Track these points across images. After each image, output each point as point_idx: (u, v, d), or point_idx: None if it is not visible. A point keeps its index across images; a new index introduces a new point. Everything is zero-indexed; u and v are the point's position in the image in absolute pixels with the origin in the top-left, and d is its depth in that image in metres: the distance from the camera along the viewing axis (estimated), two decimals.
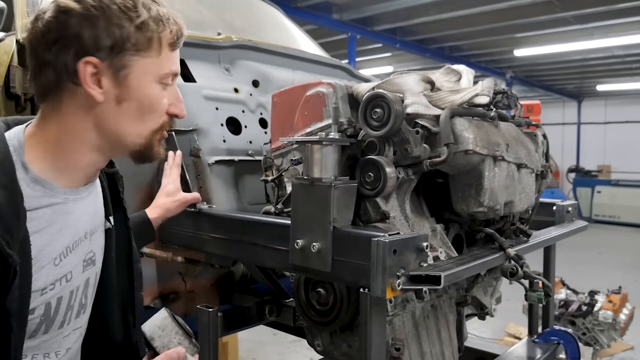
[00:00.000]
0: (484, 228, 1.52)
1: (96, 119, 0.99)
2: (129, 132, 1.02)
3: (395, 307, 1.31)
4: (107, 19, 0.95)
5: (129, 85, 0.99)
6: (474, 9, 8.25)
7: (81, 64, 0.94)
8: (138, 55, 0.99)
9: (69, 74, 0.94)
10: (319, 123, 1.41)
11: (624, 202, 13.19)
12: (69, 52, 0.93)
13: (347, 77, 2.35)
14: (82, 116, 0.98)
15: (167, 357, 1.08)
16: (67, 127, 0.98)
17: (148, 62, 1.00)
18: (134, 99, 1.00)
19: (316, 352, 1.52)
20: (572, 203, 2.06)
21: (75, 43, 0.94)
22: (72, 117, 0.98)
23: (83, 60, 0.94)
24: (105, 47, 0.95)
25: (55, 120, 0.98)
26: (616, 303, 4.22)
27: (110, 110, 0.99)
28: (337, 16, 8.61)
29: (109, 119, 0.99)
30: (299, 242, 1.23)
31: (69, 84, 0.95)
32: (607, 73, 13.90)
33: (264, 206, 1.57)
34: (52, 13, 0.94)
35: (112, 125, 1.00)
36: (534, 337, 2.05)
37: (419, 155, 1.31)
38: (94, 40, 0.94)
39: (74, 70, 0.94)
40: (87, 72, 0.94)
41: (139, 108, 1.01)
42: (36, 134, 0.98)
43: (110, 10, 0.95)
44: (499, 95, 1.50)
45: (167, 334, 1.15)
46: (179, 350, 1.10)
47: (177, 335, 1.14)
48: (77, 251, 1.03)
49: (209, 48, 1.88)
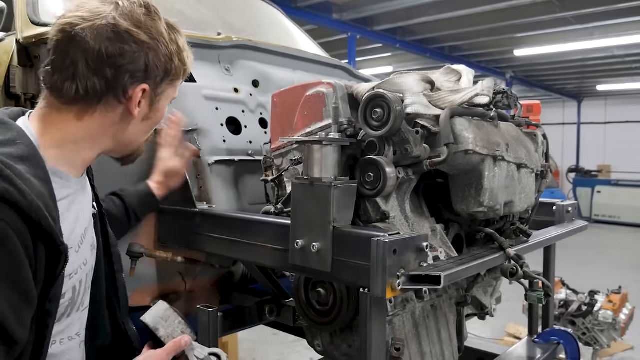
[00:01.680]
0: (484, 228, 1.52)
1: (118, 130, 1.08)
2: (137, 141, 1.15)
3: (395, 307, 1.31)
4: (165, 54, 1.05)
5: (157, 107, 1.11)
6: (474, 9, 8.25)
7: (138, 90, 1.03)
8: (171, 84, 1.11)
9: (120, 93, 1.02)
10: (319, 123, 1.41)
11: (624, 202, 13.19)
12: (127, 74, 1.01)
13: (347, 77, 2.35)
14: (108, 126, 1.06)
15: (175, 345, 1.15)
16: (90, 132, 1.05)
17: (173, 89, 1.14)
18: (154, 117, 1.13)
19: (316, 352, 1.52)
20: (572, 203, 2.06)
21: (138, 69, 1.02)
22: (99, 126, 1.05)
23: (141, 87, 1.03)
24: (158, 77, 1.06)
25: (78, 124, 1.03)
26: (616, 303, 4.22)
27: (135, 126, 1.10)
28: (337, 16, 8.61)
29: (130, 131, 1.10)
30: (299, 242, 1.23)
31: (112, 99, 1.03)
32: (607, 73, 13.90)
33: (264, 206, 1.57)
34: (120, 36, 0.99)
35: (130, 136, 1.11)
36: (534, 337, 2.05)
37: (419, 155, 1.31)
38: (153, 70, 1.04)
39: (127, 91, 1.02)
40: (139, 96, 1.04)
41: (154, 124, 1.16)
42: (51, 132, 1.02)
43: (168, 45, 1.06)
44: (499, 95, 1.50)
45: (171, 324, 1.21)
46: (185, 338, 1.17)
47: (180, 324, 1.22)
48: (87, 237, 1.12)
49: (209, 48, 1.88)
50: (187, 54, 1.12)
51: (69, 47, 0.99)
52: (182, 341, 1.16)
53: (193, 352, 1.18)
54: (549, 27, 9.31)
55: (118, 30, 0.99)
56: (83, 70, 0.99)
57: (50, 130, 1.02)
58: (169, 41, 1.06)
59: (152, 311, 1.22)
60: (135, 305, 1.56)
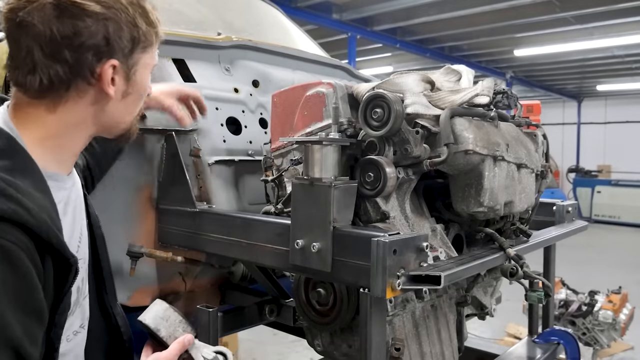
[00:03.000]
0: (484, 228, 1.52)
1: (98, 112, 1.00)
2: (123, 120, 1.07)
3: (395, 307, 1.31)
4: (127, 21, 0.95)
5: (135, 81, 1.02)
6: (474, 9, 8.26)
7: (106, 67, 0.94)
8: (144, 52, 1.02)
9: (87, 74, 0.94)
10: (319, 123, 1.41)
11: (624, 202, 13.20)
12: (89, 53, 0.92)
13: (347, 77, 2.35)
14: (86, 111, 0.98)
15: (180, 345, 1.12)
16: (67, 123, 0.97)
17: (149, 55, 1.04)
18: (135, 91, 1.04)
19: (316, 352, 1.51)
20: (572, 203, 2.06)
21: (99, 45, 0.92)
22: (75, 113, 0.97)
23: (108, 63, 0.94)
24: (125, 48, 0.96)
25: (53, 118, 0.96)
26: (616, 303, 4.22)
27: (116, 105, 1.01)
28: (337, 16, 8.62)
29: (112, 112, 1.02)
30: (299, 242, 1.23)
31: (82, 83, 0.95)
32: (607, 73, 13.91)
33: (264, 206, 1.57)
34: (68, 12, 0.90)
35: (114, 116, 1.03)
36: (534, 337, 2.04)
37: (419, 155, 1.31)
38: (117, 42, 0.94)
39: (93, 71, 0.94)
40: (109, 73, 0.95)
41: (137, 98, 1.06)
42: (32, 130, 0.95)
43: (128, 10, 0.95)
44: (499, 95, 1.50)
45: (172, 323, 1.19)
46: (188, 337, 1.14)
47: (181, 323, 1.19)
48: (83, 233, 1.10)
49: (209, 48, 1.88)
50: (154, 15, 1.01)
51: (19, 36, 0.90)
52: (185, 340, 1.13)
53: (199, 352, 1.15)
54: (549, 27, 9.31)
55: (65, 6, 0.89)
56: (40, 59, 0.90)
57: (29, 127, 0.95)
58: (128, 5, 0.95)
59: (152, 311, 1.19)
60: (135, 305, 1.57)
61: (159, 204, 1.65)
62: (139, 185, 1.63)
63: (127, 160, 1.58)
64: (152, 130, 1.59)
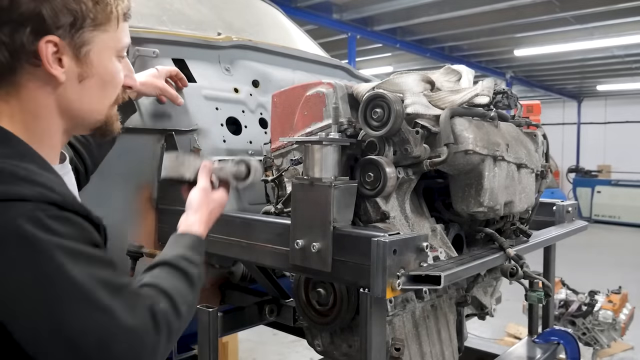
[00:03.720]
0: (484, 228, 1.52)
1: (59, 100, 0.95)
2: (91, 109, 1.00)
3: (395, 307, 1.31)
4: None
5: (90, 62, 0.96)
6: (474, 9, 8.25)
7: (42, 44, 0.89)
8: (98, 30, 0.95)
9: (27, 54, 0.89)
10: (319, 123, 1.41)
11: (624, 202, 13.19)
12: (26, 31, 0.88)
13: (347, 77, 2.35)
14: (44, 98, 0.94)
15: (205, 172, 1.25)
16: (31, 112, 0.94)
17: (107, 36, 0.97)
18: (95, 75, 0.97)
19: (316, 352, 1.52)
20: (572, 203, 2.06)
21: (33, 21, 0.88)
22: (34, 100, 0.93)
23: (44, 39, 0.89)
24: (66, 24, 0.90)
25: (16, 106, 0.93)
26: (616, 303, 4.22)
27: (73, 90, 0.95)
28: (337, 16, 8.62)
29: (72, 99, 0.96)
30: (299, 242, 1.23)
31: (27, 66, 0.90)
32: (607, 73, 13.90)
33: (264, 206, 1.57)
34: None
35: (76, 104, 0.97)
36: (534, 337, 2.05)
37: (419, 155, 1.31)
38: (53, 17, 0.89)
39: (33, 50, 0.89)
40: (49, 51, 0.90)
41: (102, 84, 0.99)
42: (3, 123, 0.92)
43: None
44: (499, 95, 1.50)
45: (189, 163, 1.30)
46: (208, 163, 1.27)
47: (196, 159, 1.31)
48: None
49: (209, 48, 1.88)
50: None
51: None
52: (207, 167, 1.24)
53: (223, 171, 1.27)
54: (549, 27, 9.31)
55: None
56: None
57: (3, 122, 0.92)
58: None
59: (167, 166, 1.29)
60: None
61: (159, 204, 1.65)
62: (139, 185, 1.63)
63: (127, 160, 1.58)
64: (152, 130, 1.59)
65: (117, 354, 0.80)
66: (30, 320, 0.78)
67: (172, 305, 0.93)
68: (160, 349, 0.87)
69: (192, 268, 1.06)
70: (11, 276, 0.77)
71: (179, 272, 1.02)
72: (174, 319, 0.92)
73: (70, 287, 0.78)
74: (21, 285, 0.77)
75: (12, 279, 0.77)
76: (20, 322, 0.79)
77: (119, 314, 0.81)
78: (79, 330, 0.78)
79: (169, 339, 0.90)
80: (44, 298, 0.77)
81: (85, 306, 0.79)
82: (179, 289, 0.98)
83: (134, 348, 0.82)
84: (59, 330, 0.78)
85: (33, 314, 0.77)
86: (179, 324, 0.95)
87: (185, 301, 0.98)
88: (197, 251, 1.12)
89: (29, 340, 0.79)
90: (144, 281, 0.97)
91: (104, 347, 0.79)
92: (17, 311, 0.78)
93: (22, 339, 0.79)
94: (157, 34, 1.78)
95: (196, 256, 1.10)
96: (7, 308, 0.78)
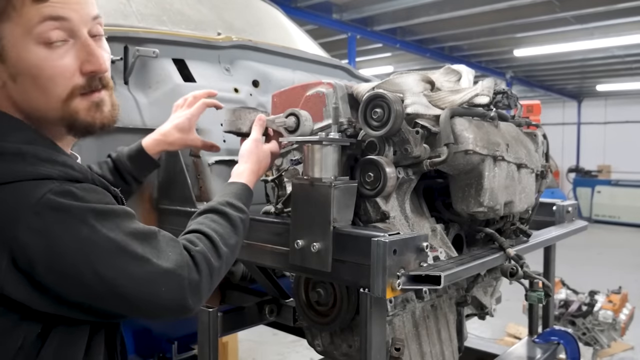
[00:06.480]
0: (484, 228, 1.52)
1: (12, 101, 0.93)
2: (40, 107, 0.93)
3: (395, 307, 1.31)
4: None
5: (9, 58, 0.88)
6: (474, 9, 8.26)
7: None
8: (7, 23, 0.87)
9: None
10: (319, 123, 1.41)
11: (624, 202, 13.19)
12: None
13: (347, 77, 2.35)
14: (2, 100, 0.92)
15: (259, 125, 1.36)
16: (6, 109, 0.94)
17: (13, 25, 0.87)
18: (22, 71, 0.89)
19: (316, 352, 1.52)
20: (572, 203, 2.06)
21: None
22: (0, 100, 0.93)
23: None
24: None
25: None
26: (616, 303, 4.22)
27: (15, 90, 0.91)
28: (337, 16, 8.62)
29: (19, 99, 0.92)
30: (299, 242, 1.23)
31: None
32: (607, 73, 13.90)
33: (264, 206, 1.57)
34: None
35: (24, 104, 0.93)
36: (534, 337, 2.04)
37: (419, 155, 1.31)
38: None
39: None
40: None
41: (32, 80, 0.90)
42: None
43: None
44: (499, 95, 1.50)
45: (245, 117, 1.39)
46: (261, 116, 1.38)
47: (251, 112, 1.40)
48: None
49: (209, 48, 1.88)
50: None
51: None
52: (260, 120, 1.35)
53: (274, 123, 1.36)
54: (549, 27, 9.31)
55: None
56: None
57: None
58: None
59: (226, 120, 1.39)
60: None
61: (159, 204, 1.65)
62: None
63: None
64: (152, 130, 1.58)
65: (161, 295, 0.88)
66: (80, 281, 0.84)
67: (212, 246, 1.02)
68: (203, 287, 0.95)
69: (235, 212, 1.15)
70: (54, 242, 0.82)
71: (221, 217, 1.12)
72: (215, 259, 1.00)
73: (106, 244, 0.86)
74: (63, 250, 0.83)
75: (54, 244, 0.83)
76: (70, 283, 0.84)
77: (153, 259, 0.89)
78: (121, 281, 0.86)
79: (211, 278, 0.98)
80: (85, 259, 0.84)
81: (122, 259, 0.86)
82: (219, 232, 1.07)
83: (175, 289, 0.90)
84: (105, 284, 0.85)
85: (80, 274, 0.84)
86: (220, 263, 1.02)
87: (227, 243, 1.06)
88: (243, 197, 1.21)
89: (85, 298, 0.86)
90: (189, 228, 1.07)
91: (147, 293, 0.87)
92: (67, 274, 0.84)
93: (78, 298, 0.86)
94: (157, 34, 1.78)
95: (241, 202, 1.19)
96: (57, 272, 0.83)
